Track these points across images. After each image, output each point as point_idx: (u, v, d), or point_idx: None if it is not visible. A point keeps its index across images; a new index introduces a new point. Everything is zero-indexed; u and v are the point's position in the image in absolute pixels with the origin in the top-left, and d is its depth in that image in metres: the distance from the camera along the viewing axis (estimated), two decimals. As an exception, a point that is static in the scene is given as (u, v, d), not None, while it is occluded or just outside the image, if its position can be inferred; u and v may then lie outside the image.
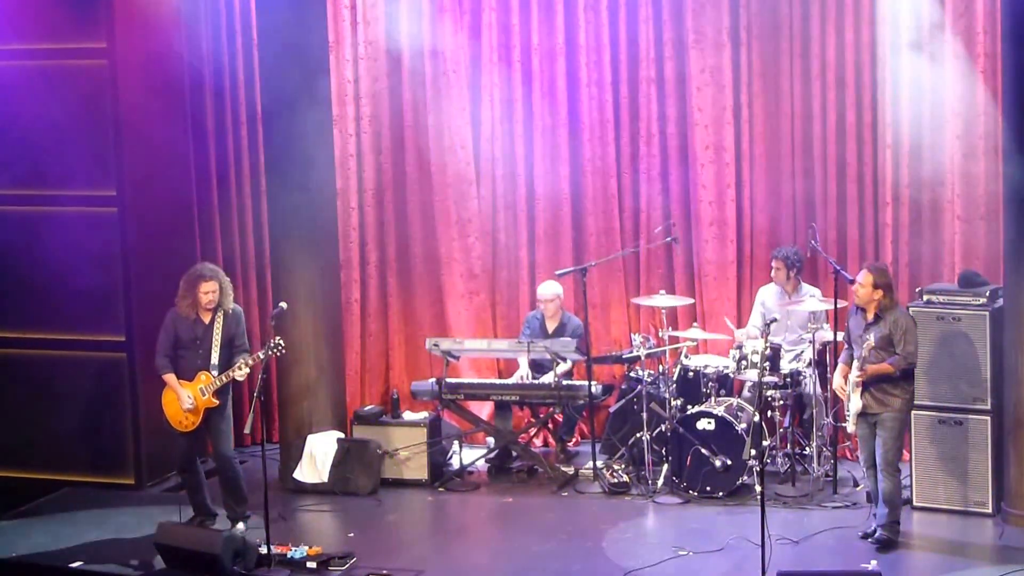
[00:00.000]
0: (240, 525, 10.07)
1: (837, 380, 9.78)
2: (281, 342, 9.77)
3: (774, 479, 10.72)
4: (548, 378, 11.35)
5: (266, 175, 11.46)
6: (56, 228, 11.21)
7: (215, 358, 9.97)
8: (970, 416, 10.08)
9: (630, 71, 11.94)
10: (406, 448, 11.20)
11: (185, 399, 9.94)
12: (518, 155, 12.16)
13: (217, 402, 9.95)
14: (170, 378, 10.03)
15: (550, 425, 11.88)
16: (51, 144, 11.20)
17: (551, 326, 11.68)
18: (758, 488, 8.94)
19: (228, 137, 12.38)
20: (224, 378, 9.90)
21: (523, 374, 11.60)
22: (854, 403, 9.52)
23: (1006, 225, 10.05)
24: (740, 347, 10.94)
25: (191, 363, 10.02)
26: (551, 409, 11.47)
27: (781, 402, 10.80)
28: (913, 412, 9.94)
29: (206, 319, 10.04)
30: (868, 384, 9.44)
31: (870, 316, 9.59)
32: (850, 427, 9.69)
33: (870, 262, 10.35)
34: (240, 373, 9.92)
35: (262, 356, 9.84)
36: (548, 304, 11.63)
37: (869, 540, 9.56)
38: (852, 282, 10.53)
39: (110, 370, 11.29)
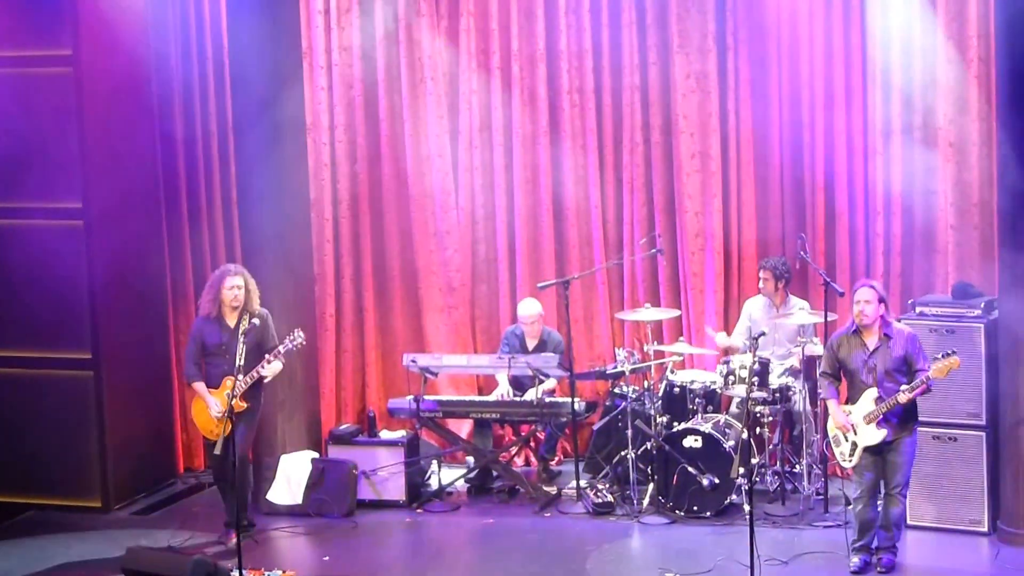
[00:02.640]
0: (232, 536, 9.90)
1: (840, 419, 9.33)
2: (301, 334, 9.93)
3: (763, 498, 10.62)
4: (530, 395, 11.17)
5: (237, 186, 11.44)
6: (19, 241, 11.10)
7: (240, 361, 9.94)
8: (965, 432, 9.95)
9: (613, 77, 11.81)
10: (383, 468, 11.06)
11: (214, 407, 10.01)
12: (497, 165, 12.04)
13: (246, 405, 9.97)
14: (199, 387, 10.13)
15: (532, 443, 11.75)
16: (14, 154, 11.06)
17: (531, 343, 11.55)
18: (747, 507, 8.83)
19: (198, 147, 12.22)
20: (249, 379, 9.92)
21: (504, 391, 11.41)
22: (870, 436, 9.21)
23: (1001, 234, 9.93)
24: (727, 362, 10.83)
25: (218, 369, 10.11)
26: (533, 427, 11.36)
27: (770, 418, 10.70)
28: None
29: (231, 322, 10.10)
30: (889, 412, 9.15)
31: (874, 339, 9.25)
32: (851, 462, 9.35)
33: (861, 279, 10.13)
34: (265, 371, 9.97)
35: (282, 350, 9.97)
36: (530, 324, 11.47)
37: (876, 568, 9.34)
38: (842, 294, 10.45)
39: (76, 389, 11.15)
